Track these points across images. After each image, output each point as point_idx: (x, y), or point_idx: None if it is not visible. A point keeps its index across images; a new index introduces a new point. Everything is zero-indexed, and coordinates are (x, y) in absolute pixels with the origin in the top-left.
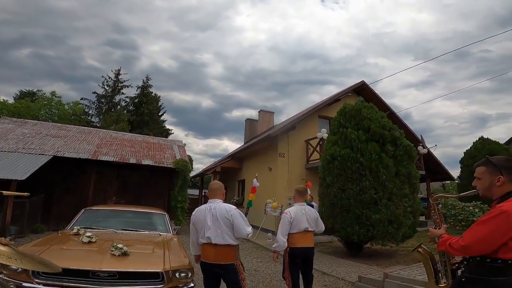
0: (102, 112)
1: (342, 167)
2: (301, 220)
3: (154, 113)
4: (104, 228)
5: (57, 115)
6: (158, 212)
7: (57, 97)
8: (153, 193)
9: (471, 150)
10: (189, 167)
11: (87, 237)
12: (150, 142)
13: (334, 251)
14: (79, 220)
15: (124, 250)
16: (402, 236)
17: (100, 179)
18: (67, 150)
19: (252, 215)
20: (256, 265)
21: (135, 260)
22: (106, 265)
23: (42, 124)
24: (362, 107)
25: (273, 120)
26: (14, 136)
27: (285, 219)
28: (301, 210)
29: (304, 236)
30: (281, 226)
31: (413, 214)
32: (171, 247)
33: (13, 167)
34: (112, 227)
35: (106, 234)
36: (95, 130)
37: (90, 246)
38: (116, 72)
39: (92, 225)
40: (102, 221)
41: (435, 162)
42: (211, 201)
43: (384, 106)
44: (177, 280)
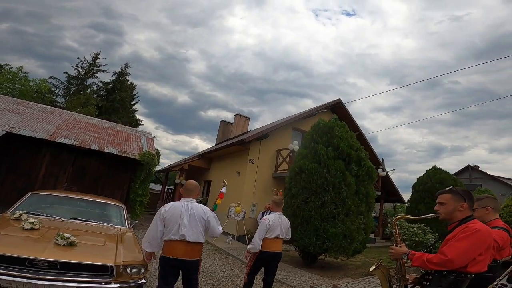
0: (70, 93)
1: (308, 180)
2: (276, 228)
3: (126, 101)
4: (50, 216)
5: (20, 90)
6: (115, 204)
7: (23, 72)
8: (112, 183)
9: (423, 177)
10: (155, 160)
11: (30, 223)
12: (117, 130)
13: (290, 260)
14: (23, 204)
15: (71, 240)
16: (353, 250)
17: (54, 162)
18: (23, 128)
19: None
20: (213, 267)
21: (83, 252)
22: (47, 254)
23: (1, 98)
24: (335, 125)
25: (248, 126)
26: None
27: (263, 225)
28: (278, 219)
29: (274, 242)
30: (259, 231)
31: (366, 230)
32: (125, 241)
33: None
34: (60, 215)
35: (52, 222)
36: (58, 111)
37: (32, 234)
38: (94, 56)
39: (38, 211)
40: (49, 208)
41: (391, 184)
42: (186, 200)
43: (354, 126)
44: (128, 275)
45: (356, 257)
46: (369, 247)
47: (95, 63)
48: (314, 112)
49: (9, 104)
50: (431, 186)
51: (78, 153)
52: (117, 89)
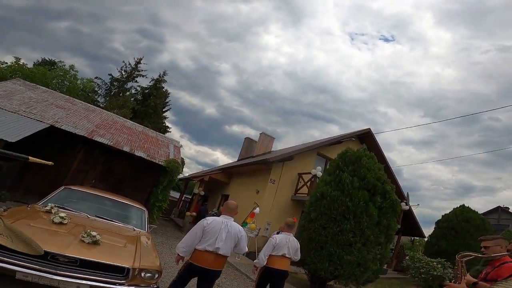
0: (111, 94)
1: (329, 206)
2: (282, 247)
3: (159, 107)
4: (78, 211)
5: (67, 87)
6: (138, 207)
7: (74, 70)
8: (135, 186)
9: (449, 215)
10: (179, 169)
11: (60, 218)
12: (148, 135)
13: (297, 282)
14: (55, 197)
15: (96, 239)
16: (365, 279)
17: (86, 159)
18: (66, 123)
19: None
20: (220, 281)
21: (105, 251)
22: (71, 251)
23: (51, 93)
24: (364, 155)
25: (272, 145)
26: (20, 98)
27: (270, 242)
28: (286, 239)
29: (280, 260)
30: (265, 248)
31: (381, 261)
32: (143, 244)
33: (6, 127)
34: (87, 211)
35: (79, 218)
36: (99, 110)
37: (60, 228)
38: (137, 60)
39: (67, 205)
40: (78, 203)
41: (413, 218)
42: (226, 217)
43: (382, 158)
44: (141, 279)
45: (366, 286)
46: (380, 278)
47: (137, 68)
48: (341, 140)
49: (57, 99)
50: (456, 223)
51: (109, 152)
52: (152, 95)
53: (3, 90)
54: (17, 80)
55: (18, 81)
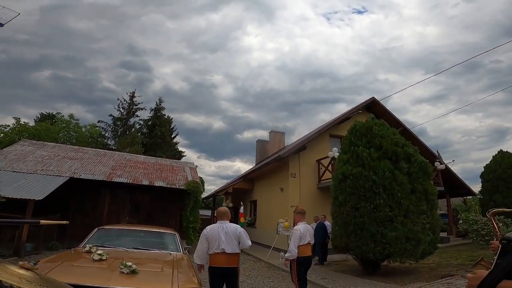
0: (118, 134)
1: (354, 185)
2: (306, 235)
3: (166, 136)
4: (115, 247)
5: (75, 137)
6: (169, 232)
7: (75, 119)
8: (165, 213)
9: (491, 164)
10: (200, 188)
11: (98, 255)
12: (162, 164)
13: (349, 269)
14: (92, 238)
15: (133, 268)
16: (422, 252)
17: (114, 200)
18: (83, 172)
19: (265, 235)
20: (268, 284)
21: (144, 279)
22: (113, 282)
23: (60, 147)
24: (373, 124)
25: (284, 141)
26: (33, 158)
27: (296, 234)
28: (306, 228)
29: (307, 247)
30: (293, 240)
31: (433, 230)
32: (181, 266)
33: (30, 187)
34: (124, 245)
35: (117, 252)
36: (110, 153)
37: (101, 264)
38: (131, 95)
39: (104, 244)
40: (114, 240)
41: (454, 177)
42: (221, 222)
43: (396, 123)
44: None
45: (428, 259)
46: (442, 247)
47: (133, 102)
48: (348, 116)
49: (67, 152)
50: (501, 172)
51: (132, 189)
52: (156, 125)
53: (14, 154)
54: (23, 141)
55: (25, 142)
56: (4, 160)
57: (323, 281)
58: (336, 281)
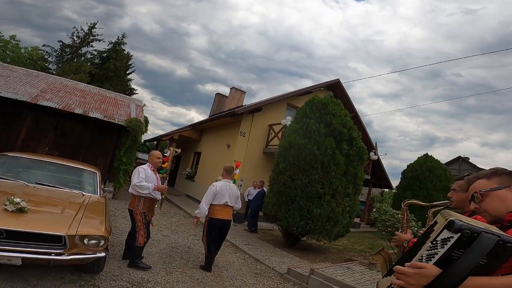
0: (63, 61)
1: (297, 156)
2: (223, 195)
3: (120, 70)
4: (14, 180)
5: (11, 57)
6: (88, 169)
7: (15, 40)
8: (95, 150)
9: (414, 164)
10: (142, 128)
11: None
12: (105, 96)
13: (272, 239)
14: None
15: (20, 206)
16: (336, 234)
17: (35, 126)
18: (5, 90)
19: (203, 190)
20: (191, 242)
21: (33, 220)
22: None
23: None
24: (330, 101)
25: (243, 100)
26: None
27: (210, 190)
28: (226, 186)
29: (223, 209)
30: (206, 196)
31: (350, 214)
32: (91, 210)
33: None
34: (25, 179)
35: (12, 186)
36: (44, 75)
37: None
38: (91, 26)
39: (3, 175)
40: (16, 171)
41: (381, 169)
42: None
43: (351, 108)
44: (85, 247)
45: (338, 241)
46: (352, 232)
47: (91, 33)
48: (310, 90)
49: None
50: (420, 173)
51: (61, 117)
52: (112, 58)
53: None
54: None
55: None
56: None
57: (246, 247)
58: (258, 249)
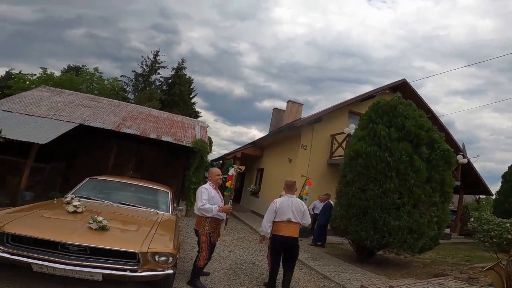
0: (138, 90)
1: (366, 165)
2: (285, 211)
3: (185, 95)
4: (101, 200)
5: (97, 89)
6: (161, 189)
7: (99, 72)
8: (169, 171)
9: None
10: (207, 148)
11: (74, 207)
12: (173, 120)
13: (342, 254)
14: (81, 188)
15: (102, 224)
16: (421, 247)
17: (120, 152)
18: (94, 120)
19: (267, 206)
20: (256, 258)
21: (112, 237)
22: (76, 238)
23: (77, 95)
24: (399, 103)
25: (301, 112)
26: (48, 103)
27: (271, 207)
28: (288, 202)
29: (287, 226)
30: (267, 214)
31: (439, 225)
32: (162, 227)
33: (37, 131)
34: (111, 199)
35: (99, 206)
36: (124, 104)
37: (73, 217)
38: (155, 53)
39: (92, 195)
40: (103, 193)
41: (474, 174)
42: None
43: (425, 108)
44: (156, 263)
45: (424, 254)
46: (441, 244)
47: (156, 60)
48: (373, 94)
49: (83, 100)
50: None
51: (140, 143)
52: (176, 83)
53: (30, 98)
54: (42, 87)
55: (43, 88)
56: (19, 103)
57: (313, 262)
58: (326, 264)
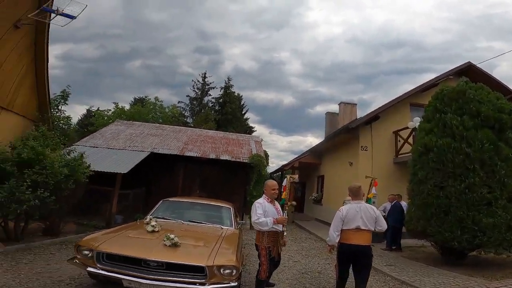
0: (195, 113)
1: (439, 159)
2: (353, 219)
3: (236, 112)
4: (174, 219)
5: (161, 117)
6: (224, 206)
7: (159, 101)
8: (230, 188)
9: None
10: (263, 162)
11: (151, 227)
12: (229, 138)
13: (424, 257)
14: (157, 210)
15: (174, 241)
16: None
17: (187, 174)
18: (161, 147)
19: (331, 213)
20: (322, 267)
21: (183, 252)
22: (154, 255)
23: (145, 125)
24: (467, 87)
25: (356, 112)
26: (124, 136)
27: (337, 216)
28: (356, 209)
29: (356, 234)
30: (333, 223)
31: None
32: (227, 241)
33: (119, 162)
34: (182, 218)
35: (172, 224)
36: (184, 129)
37: (152, 236)
38: (203, 76)
39: (166, 216)
40: (175, 212)
41: None
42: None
43: (503, 90)
44: (221, 276)
45: None
46: None
47: (205, 82)
48: (436, 82)
49: (150, 129)
50: None
51: (202, 163)
52: (226, 102)
53: (110, 133)
54: (117, 122)
55: (118, 122)
56: (101, 139)
57: (388, 268)
58: (404, 269)
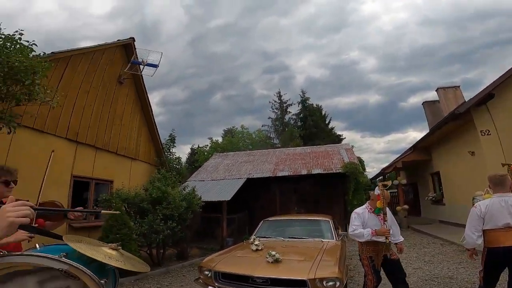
0: (279, 133)
1: None
2: (498, 215)
3: (319, 123)
4: (275, 237)
5: (250, 144)
6: (322, 219)
7: (245, 129)
8: (328, 200)
9: None
10: (359, 169)
11: (255, 245)
12: (317, 151)
13: None
14: (259, 230)
15: (276, 258)
16: None
17: (282, 193)
18: (255, 172)
19: (456, 212)
20: (454, 271)
21: (284, 267)
22: (259, 272)
23: (238, 154)
24: None
25: (461, 95)
26: (222, 167)
27: (473, 214)
28: (500, 203)
29: (507, 233)
30: (469, 222)
31: None
32: (328, 254)
33: (222, 191)
34: (282, 235)
35: (273, 242)
36: (272, 151)
37: (256, 254)
38: (278, 95)
39: (267, 234)
40: (275, 231)
41: None
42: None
43: None
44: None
45: None
46: None
47: (282, 101)
48: None
49: (243, 157)
50: None
51: (295, 180)
52: (307, 115)
53: (211, 167)
54: (215, 155)
55: (216, 155)
56: (205, 172)
57: None
58: None
